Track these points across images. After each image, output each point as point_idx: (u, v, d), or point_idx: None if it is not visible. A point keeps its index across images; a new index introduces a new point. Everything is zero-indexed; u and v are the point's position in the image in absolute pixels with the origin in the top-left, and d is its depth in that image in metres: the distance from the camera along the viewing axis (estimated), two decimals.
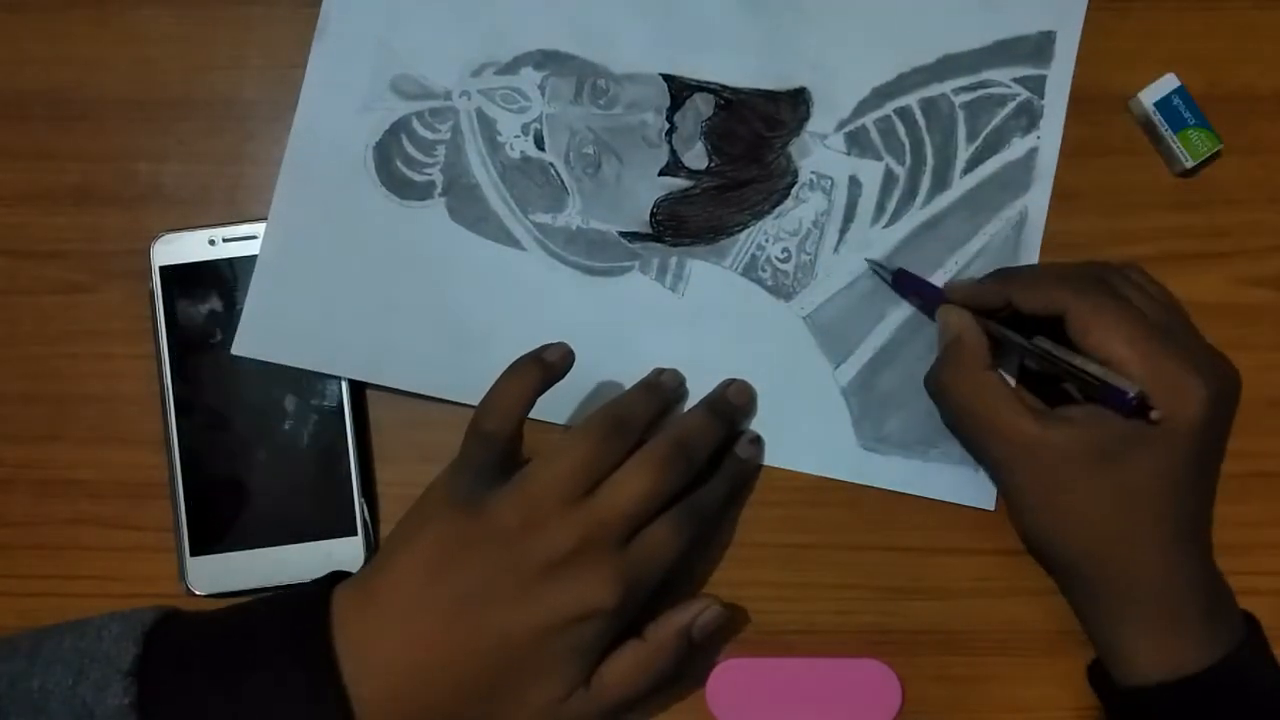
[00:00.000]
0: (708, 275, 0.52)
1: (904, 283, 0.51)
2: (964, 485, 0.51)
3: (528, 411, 0.46)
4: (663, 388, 0.50)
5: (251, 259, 0.51)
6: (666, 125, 0.52)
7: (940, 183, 0.52)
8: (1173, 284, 0.52)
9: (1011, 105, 0.52)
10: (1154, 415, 0.44)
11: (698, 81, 0.52)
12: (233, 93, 0.53)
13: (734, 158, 0.52)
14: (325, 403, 0.51)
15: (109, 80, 0.53)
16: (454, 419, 0.51)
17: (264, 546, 0.50)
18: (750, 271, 0.52)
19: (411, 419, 0.52)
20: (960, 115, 0.52)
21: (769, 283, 0.52)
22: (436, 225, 0.52)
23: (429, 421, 0.52)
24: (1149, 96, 0.52)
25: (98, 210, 0.53)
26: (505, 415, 0.46)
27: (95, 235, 0.52)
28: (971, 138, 0.52)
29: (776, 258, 0.52)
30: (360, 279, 0.51)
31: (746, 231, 0.52)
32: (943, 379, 0.49)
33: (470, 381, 0.49)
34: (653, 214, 0.52)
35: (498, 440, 0.46)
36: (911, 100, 0.52)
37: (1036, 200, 0.52)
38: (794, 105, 0.52)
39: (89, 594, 0.52)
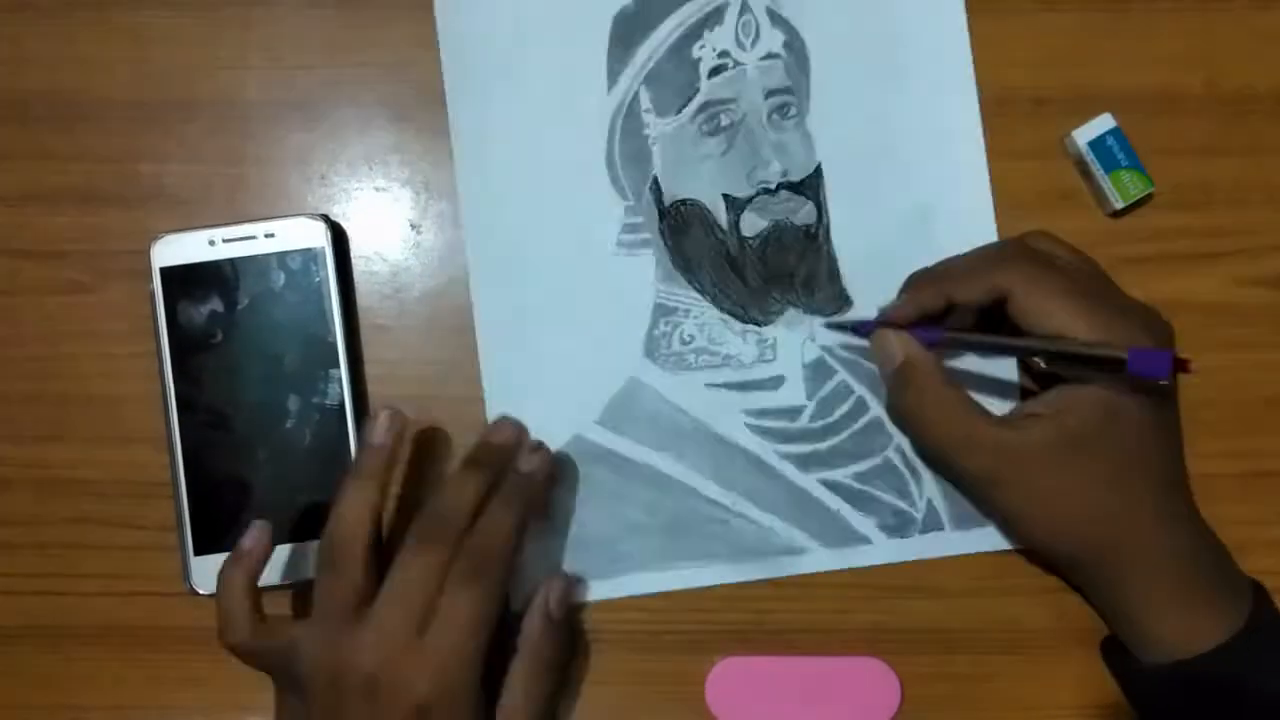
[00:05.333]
0: (638, 262, 0.52)
1: (861, 330, 0.50)
2: None
3: (256, 603, 0.46)
4: (371, 486, 0.46)
5: (251, 259, 0.51)
6: (780, 179, 0.52)
7: None
8: (1173, 284, 0.52)
9: None
10: (1191, 366, 0.43)
11: (821, 206, 0.52)
12: (234, 93, 0.53)
13: (762, 260, 0.52)
14: (327, 401, 0.51)
15: (111, 81, 0.53)
16: (457, 419, 0.52)
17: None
18: (658, 312, 0.52)
19: (414, 419, 0.52)
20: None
21: (655, 334, 0.52)
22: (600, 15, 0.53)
23: (432, 421, 0.52)
24: (1083, 135, 0.51)
25: (100, 210, 0.53)
26: (237, 625, 0.46)
27: (97, 235, 0.53)
28: None
29: (681, 336, 0.52)
30: None
31: (696, 293, 0.52)
32: (904, 405, 0.48)
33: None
34: (676, 204, 0.52)
35: (247, 645, 0.46)
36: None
37: None
38: (833, 298, 0.52)
39: (91, 593, 0.52)
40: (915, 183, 0.52)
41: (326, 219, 0.51)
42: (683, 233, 0.52)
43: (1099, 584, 0.48)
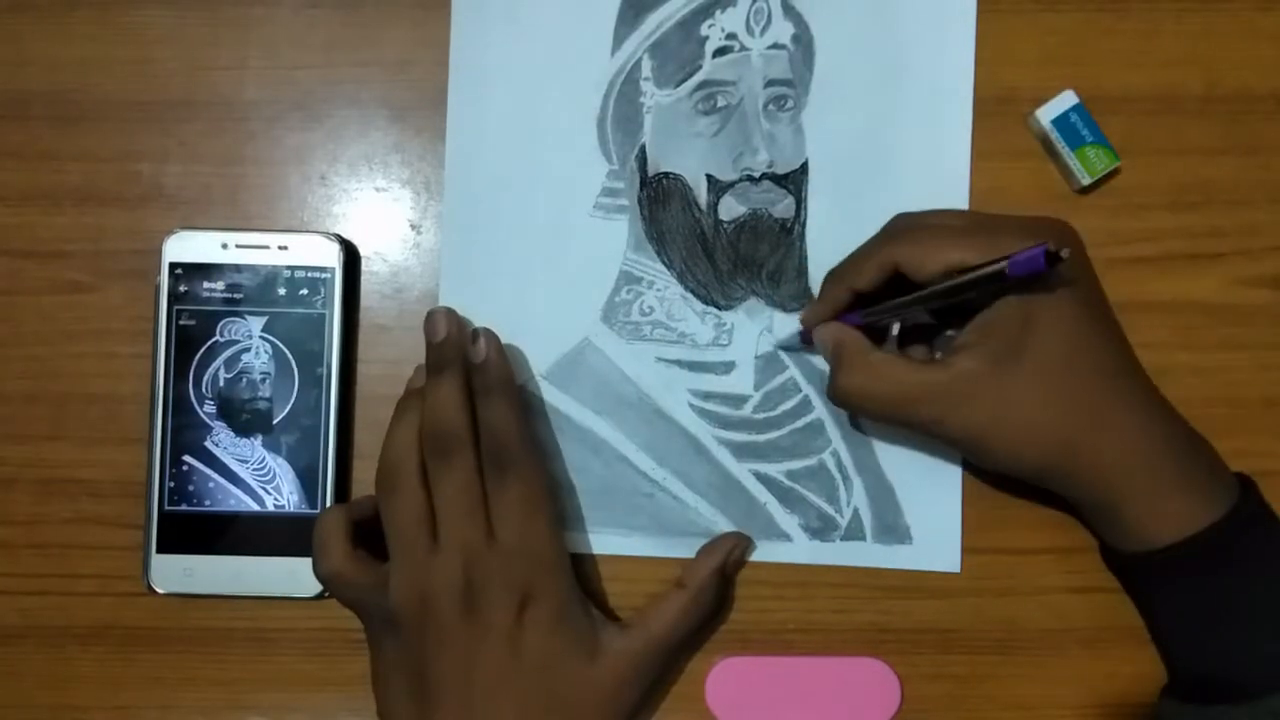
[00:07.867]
0: (612, 226, 0.52)
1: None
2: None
3: (350, 536, 0.48)
4: (415, 407, 0.48)
5: (260, 268, 0.51)
6: (766, 169, 0.52)
7: None
8: (1172, 284, 0.52)
9: None
10: (1064, 253, 0.42)
11: (801, 202, 0.52)
12: (234, 93, 0.53)
13: (734, 246, 0.52)
14: (310, 421, 0.51)
15: (110, 81, 0.53)
16: None
17: (231, 555, 0.50)
18: (622, 279, 0.52)
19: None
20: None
21: (616, 300, 0.52)
22: None
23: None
24: (1047, 114, 0.51)
25: (99, 211, 0.53)
26: (330, 554, 0.47)
27: (97, 235, 0.53)
28: None
29: (641, 306, 0.52)
30: None
31: (663, 267, 0.52)
32: (840, 384, 0.48)
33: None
34: (659, 175, 0.53)
35: (341, 575, 0.47)
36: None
37: None
38: (797, 294, 0.52)
39: (90, 593, 0.52)
40: (898, 193, 0.52)
41: (341, 240, 0.51)
42: (661, 205, 0.53)
43: (1078, 486, 0.47)
